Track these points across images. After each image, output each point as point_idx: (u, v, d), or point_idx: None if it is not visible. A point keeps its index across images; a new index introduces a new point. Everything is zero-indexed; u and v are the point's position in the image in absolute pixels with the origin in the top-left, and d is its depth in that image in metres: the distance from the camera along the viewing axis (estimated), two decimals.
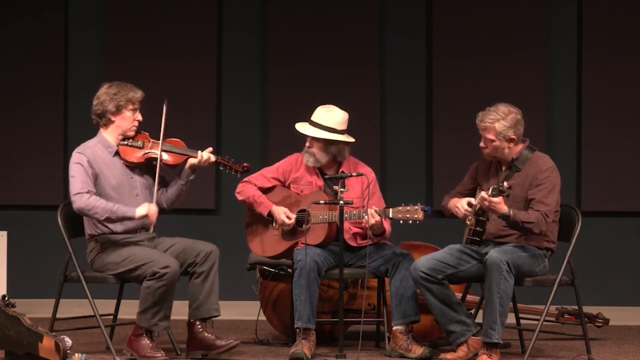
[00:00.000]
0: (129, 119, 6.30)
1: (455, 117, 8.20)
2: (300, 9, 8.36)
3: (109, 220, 6.17)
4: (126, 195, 6.27)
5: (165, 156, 6.31)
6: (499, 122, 6.21)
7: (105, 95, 6.30)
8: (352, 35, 8.32)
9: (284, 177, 6.66)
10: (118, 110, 6.28)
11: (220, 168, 6.47)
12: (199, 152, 6.35)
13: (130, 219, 6.18)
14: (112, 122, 6.31)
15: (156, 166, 6.28)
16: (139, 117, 6.33)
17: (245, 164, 6.47)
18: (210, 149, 6.39)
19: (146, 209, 6.17)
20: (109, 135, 6.33)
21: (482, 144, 6.29)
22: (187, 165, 6.36)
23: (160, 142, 6.28)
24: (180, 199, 6.45)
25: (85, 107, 8.36)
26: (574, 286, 6.37)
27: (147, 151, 6.32)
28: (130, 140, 6.33)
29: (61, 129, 8.40)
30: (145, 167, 6.35)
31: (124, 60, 8.33)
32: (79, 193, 6.15)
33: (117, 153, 6.31)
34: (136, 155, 6.31)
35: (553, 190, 6.22)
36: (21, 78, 8.38)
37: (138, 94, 6.32)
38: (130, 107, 6.29)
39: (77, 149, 6.29)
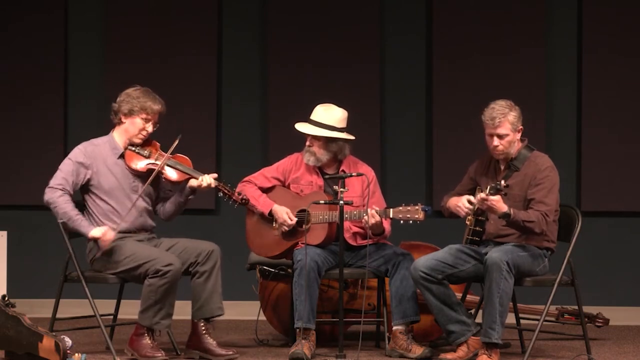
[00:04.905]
0: (137, 126, 6.29)
1: (455, 117, 8.21)
2: (300, 9, 8.36)
3: (65, 225, 6.17)
4: (125, 197, 6.26)
5: (168, 171, 6.29)
6: (510, 114, 6.22)
7: (126, 95, 6.33)
8: (352, 35, 8.32)
9: (283, 177, 6.67)
10: (130, 113, 6.28)
11: (220, 195, 6.45)
12: (202, 175, 6.32)
13: (85, 235, 6.17)
14: (122, 123, 6.32)
15: (158, 178, 6.26)
16: (150, 128, 6.30)
17: (243, 196, 6.44)
18: (215, 175, 6.36)
19: (100, 233, 6.13)
20: (118, 137, 6.34)
21: (495, 144, 6.23)
22: (187, 185, 6.34)
23: (169, 152, 6.26)
24: (178, 213, 6.46)
25: (85, 107, 8.43)
26: (574, 286, 6.37)
27: (151, 161, 6.30)
28: (138, 148, 6.32)
29: (61, 129, 8.40)
30: (148, 177, 6.33)
31: (124, 60, 8.33)
32: (52, 187, 6.22)
33: (122, 156, 6.31)
34: (139, 164, 6.30)
35: (552, 190, 6.23)
36: (21, 78, 8.38)
37: (156, 107, 6.30)
38: (143, 115, 6.28)
39: (81, 145, 6.33)
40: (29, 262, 8.30)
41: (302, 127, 6.56)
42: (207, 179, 6.29)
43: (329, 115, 6.54)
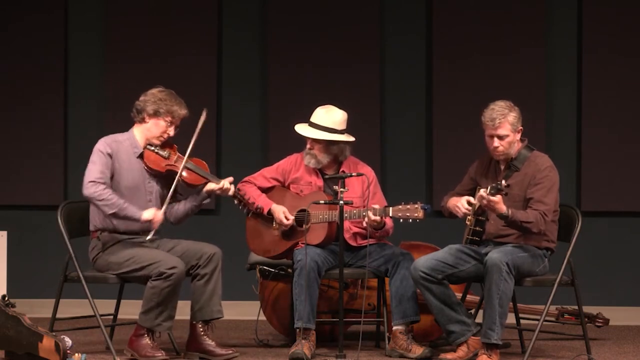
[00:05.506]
0: (160, 128, 6.27)
1: (455, 117, 8.21)
2: (300, 9, 8.36)
3: (115, 215, 6.15)
4: (139, 198, 6.25)
5: (186, 174, 6.29)
6: (509, 114, 6.23)
7: (152, 96, 6.29)
8: (352, 35, 8.31)
9: (283, 177, 6.67)
10: (155, 114, 6.26)
11: (235, 202, 6.45)
12: (222, 180, 6.32)
13: (136, 220, 6.16)
14: (145, 122, 6.29)
15: (175, 180, 6.26)
16: (171, 132, 6.29)
17: (258, 205, 6.44)
18: (231, 178, 6.37)
19: (152, 215, 6.14)
20: (138, 134, 6.32)
21: (495, 144, 6.24)
22: (205, 189, 6.34)
23: (187, 155, 6.25)
24: (188, 218, 6.45)
25: (85, 107, 8.42)
26: (574, 286, 6.37)
27: (170, 163, 6.29)
28: (157, 148, 6.31)
29: (61, 129, 8.39)
30: (165, 178, 6.32)
31: (124, 60, 8.33)
32: (93, 181, 6.13)
33: (141, 155, 6.30)
34: (159, 164, 6.29)
35: (552, 189, 6.23)
36: (21, 78, 8.38)
37: (182, 112, 6.29)
38: (168, 118, 6.26)
39: (106, 139, 6.29)
40: (29, 262, 8.29)
41: (302, 130, 6.55)
42: (228, 185, 6.30)
43: (330, 118, 6.53)
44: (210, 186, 6.32)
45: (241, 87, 8.43)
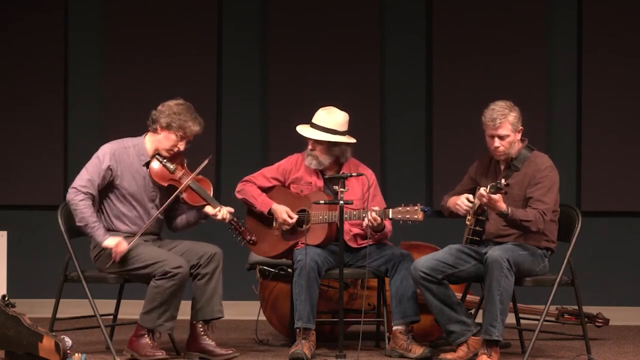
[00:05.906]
0: (170, 141, 6.25)
1: (455, 117, 8.21)
2: (300, 9, 8.36)
3: (80, 229, 6.16)
4: (142, 204, 6.25)
5: (186, 193, 6.28)
6: (510, 114, 6.22)
7: (168, 108, 6.27)
8: (352, 35, 8.32)
9: (283, 177, 6.67)
10: (167, 127, 6.24)
11: (229, 230, 6.45)
12: (219, 206, 6.32)
13: (97, 243, 6.15)
14: (157, 133, 6.27)
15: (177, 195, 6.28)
16: (182, 147, 6.27)
17: (253, 237, 6.45)
18: (232, 209, 6.35)
19: (114, 243, 6.11)
20: (149, 143, 6.30)
21: (496, 145, 6.23)
22: (203, 210, 6.35)
23: (192, 174, 6.26)
24: (185, 230, 6.48)
25: (85, 107, 8.42)
26: (574, 286, 6.37)
27: (174, 178, 6.28)
28: (165, 160, 6.30)
29: (61, 129, 8.40)
30: (167, 191, 6.32)
31: (124, 60, 8.33)
32: (75, 188, 6.15)
33: (147, 163, 6.29)
34: (162, 177, 6.27)
35: (551, 189, 6.23)
36: (21, 78, 8.38)
37: (195, 128, 6.27)
38: (180, 133, 6.24)
39: (112, 144, 6.28)
40: (29, 262, 8.30)
41: (304, 131, 6.54)
42: (224, 213, 6.30)
43: (331, 119, 6.53)
44: (208, 209, 6.33)
45: (241, 87, 8.43)
